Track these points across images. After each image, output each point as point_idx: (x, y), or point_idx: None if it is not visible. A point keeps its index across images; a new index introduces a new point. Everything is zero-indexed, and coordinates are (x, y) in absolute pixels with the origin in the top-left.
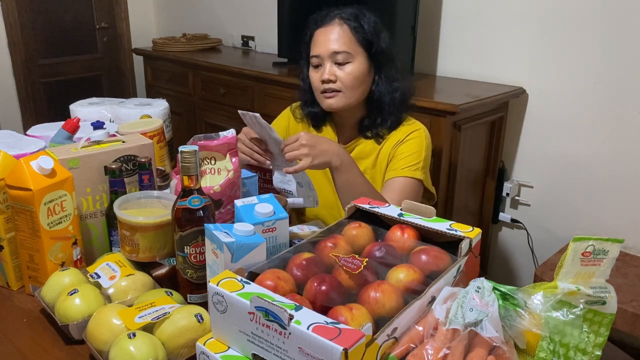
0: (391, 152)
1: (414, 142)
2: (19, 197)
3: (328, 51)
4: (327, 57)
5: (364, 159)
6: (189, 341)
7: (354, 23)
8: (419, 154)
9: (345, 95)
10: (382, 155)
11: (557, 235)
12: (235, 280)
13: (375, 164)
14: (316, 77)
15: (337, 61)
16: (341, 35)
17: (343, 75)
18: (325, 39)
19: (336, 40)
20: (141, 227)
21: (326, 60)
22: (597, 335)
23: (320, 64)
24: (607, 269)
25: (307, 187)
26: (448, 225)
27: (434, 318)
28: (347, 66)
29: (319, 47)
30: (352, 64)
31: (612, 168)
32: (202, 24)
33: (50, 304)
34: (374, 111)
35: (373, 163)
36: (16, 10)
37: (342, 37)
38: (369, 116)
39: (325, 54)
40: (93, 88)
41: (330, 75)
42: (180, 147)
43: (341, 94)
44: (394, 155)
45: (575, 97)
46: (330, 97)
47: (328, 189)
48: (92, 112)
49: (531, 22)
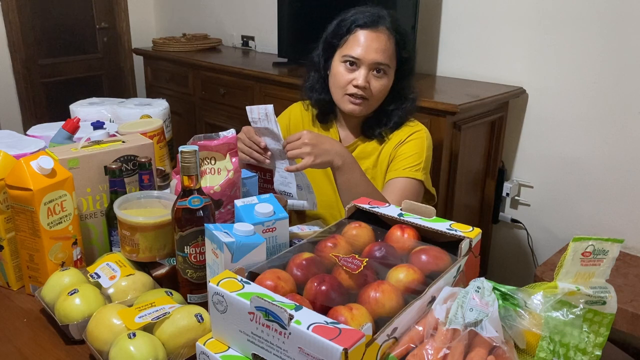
0: (392, 152)
1: (415, 142)
2: (19, 197)
3: (372, 60)
4: (367, 64)
5: (365, 158)
6: (189, 341)
7: (399, 37)
8: (420, 154)
9: (370, 104)
10: (383, 155)
11: (557, 235)
12: (235, 280)
13: (377, 164)
14: (347, 77)
15: (374, 70)
16: (388, 47)
17: (377, 86)
18: (371, 45)
19: (383, 51)
20: (141, 227)
21: (364, 66)
22: (597, 335)
23: (355, 64)
24: (607, 269)
25: (307, 189)
26: (448, 225)
27: (434, 318)
28: (382, 78)
29: (362, 50)
30: (387, 77)
31: (612, 168)
32: (202, 24)
33: (50, 304)
34: (381, 114)
35: (374, 163)
36: (16, 10)
37: (388, 49)
38: (375, 118)
39: (367, 60)
40: (93, 88)
41: (365, 83)
42: (180, 147)
43: (367, 102)
44: (395, 156)
45: (575, 97)
46: (356, 103)
47: (328, 188)
48: (92, 112)
49: (531, 22)
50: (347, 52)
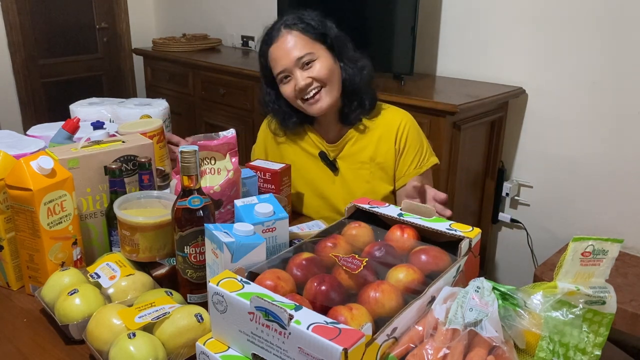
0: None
1: (411, 140)
2: (19, 197)
3: (291, 60)
4: (292, 66)
5: (357, 154)
6: (189, 341)
7: (301, 24)
8: (420, 144)
9: (328, 91)
10: (382, 152)
11: (557, 235)
12: (235, 280)
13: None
14: (290, 88)
15: (304, 65)
16: (296, 41)
17: (316, 72)
18: (283, 51)
19: (293, 47)
20: (141, 227)
21: (294, 70)
22: (597, 335)
23: (289, 75)
24: (607, 269)
25: None
26: (448, 225)
27: (433, 318)
28: (314, 65)
29: (281, 61)
30: (319, 60)
31: (611, 168)
32: (202, 24)
33: (50, 304)
34: (350, 96)
35: (370, 157)
36: (16, 10)
37: (297, 42)
38: (347, 104)
39: (290, 64)
40: (93, 88)
41: (306, 80)
42: (180, 147)
43: (324, 91)
44: (400, 158)
45: (575, 97)
46: (315, 100)
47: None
48: (92, 112)
49: (531, 22)
50: (275, 72)
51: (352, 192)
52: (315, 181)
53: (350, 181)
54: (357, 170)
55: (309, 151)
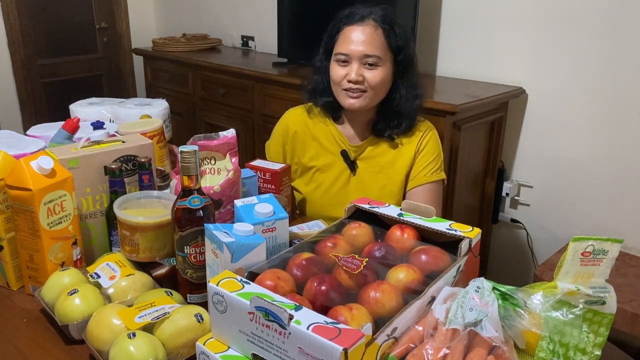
0: (411, 160)
1: (431, 146)
2: (19, 197)
3: (359, 53)
4: (356, 58)
5: (377, 157)
6: (189, 341)
7: (388, 27)
8: (438, 155)
9: (369, 97)
10: (402, 161)
11: (557, 235)
12: (235, 280)
13: (393, 165)
14: (341, 73)
15: (366, 63)
16: (375, 38)
17: (371, 77)
18: (358, 39)
19: (369, 43)
20: (141, 227)
21: (354, 61)
22: (597, 335)
23: (347, 61)
24: (607, 269)
25: None
26: (448, 225)
27: (433, 318)
28: (375, 69)
29: (350, 45)
30: (381, 68)
31: (611, 168)
32: (202, 24)
33: (50, 304)
34: (389, 114)
35: (390, 162)
36: (16, 10)
37: (375, 40)
38: (384, 119)
39: (355, 54)
40: (93, 88)
41: (358, 77)
42: (180, 147)
43: (366, 95)
44: (415, 163)
45: (575, 97)
46: (355, 97)
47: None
48: (92, 112)
49: (531, 22)
50: (338, 49)
51: (366, 195)
52: (329, 178)
53: (366, 183)
54: (375, 173)
55: (328, 148)
